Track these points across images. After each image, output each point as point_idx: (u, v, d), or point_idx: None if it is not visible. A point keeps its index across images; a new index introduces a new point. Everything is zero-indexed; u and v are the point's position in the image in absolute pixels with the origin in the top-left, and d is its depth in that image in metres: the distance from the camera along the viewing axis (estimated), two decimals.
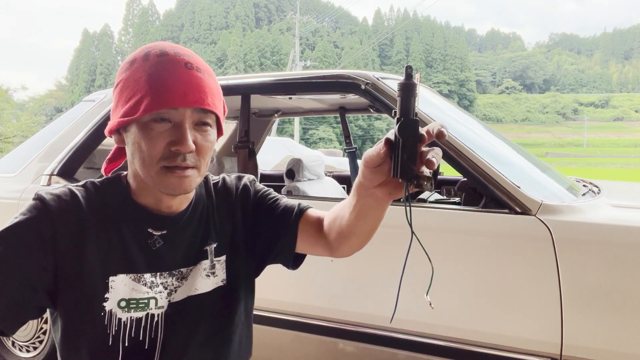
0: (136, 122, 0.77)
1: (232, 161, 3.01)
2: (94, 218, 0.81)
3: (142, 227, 0.84)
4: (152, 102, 0.74)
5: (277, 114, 3.19)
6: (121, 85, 0.79)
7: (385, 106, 1.70)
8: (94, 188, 0.84)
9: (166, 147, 0.76)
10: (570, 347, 1.34)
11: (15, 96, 31.25)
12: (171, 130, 0.76)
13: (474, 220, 1.52)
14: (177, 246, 0.86)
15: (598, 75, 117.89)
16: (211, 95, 0.79)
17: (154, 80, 0.75)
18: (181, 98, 0.75)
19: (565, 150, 60.63)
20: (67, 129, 2.25)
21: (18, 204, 2.12)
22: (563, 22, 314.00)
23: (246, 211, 0.94)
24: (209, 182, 0.96)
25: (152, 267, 0.84)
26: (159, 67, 0.76)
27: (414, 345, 1.52)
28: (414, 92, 0.56)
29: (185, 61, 0.78)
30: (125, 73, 0.79)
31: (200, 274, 0.88)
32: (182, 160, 0.76)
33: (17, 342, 2.26)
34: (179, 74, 0.76)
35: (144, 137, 0.76)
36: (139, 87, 0.76)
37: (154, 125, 0.76)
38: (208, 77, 0.80)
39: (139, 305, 0.82)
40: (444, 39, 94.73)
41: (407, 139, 0.56)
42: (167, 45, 0.81)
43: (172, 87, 0.75)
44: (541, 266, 1.39)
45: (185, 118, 0.76)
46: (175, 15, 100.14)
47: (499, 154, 1.88)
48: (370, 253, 1.61)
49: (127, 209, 0.84)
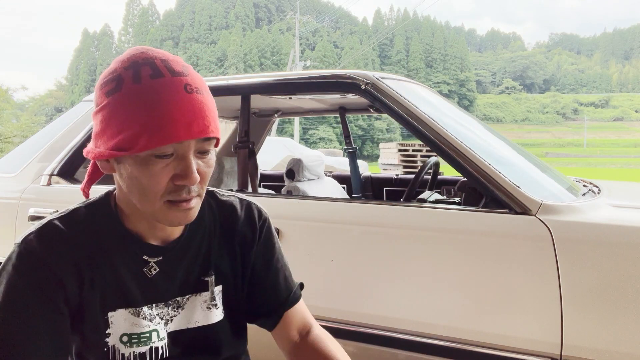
0: (132, 157, 0.69)
1: (232, 161, 3.01)
2: (86, 254, 0.75)
3: (136, 255, 0.78)
4: (152, 137, 0.66)
5: (277, 114, 3.19)
6: (108, 111, 0.69)
7: (385, 106, 1.70)
8: (81, 217, 0.77)
9: (170, 181, 0.70)
10: (570, 347, 1.34)
11: (15, 96, 31.20)
12: (174, 164, 0.70)
13: (474, 220, 1.52)
14: (173, 274, 0.81)
15: (598, 75, 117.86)
16: (214, 120, 0.71)
17: (153, 112, 0.65)
18: (186, 130, 0.67)
19: (565, 150, 60.64)
20: (67, 129, 2.25)
21: (18, 204, 2.12)
22: (563, 18, 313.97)
23: (246, 251, 0.89)
24: (215, 198, 0.89)
25: (149, 298, 0.80)
26: (155, 96, 0.66)
27: (414, 345, 1.52)
28: None
29: (185, 83, 0.68)
30: (112, 96, 0.68)
31: (200, 305, 0.84)
32: (187, 193, 0.71)
33: None
34: (181, 102, 0.67)
35: (143, 172, 0.69)
36: (134, 118, 0.66)
37: (155, 160, 0.68)
38: (207, 95, 0.72)
39: (140, 339, 0.79)
40: (444, 39, 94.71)
41: None
42: (156, 58, 0.70)
43: (175, 120, 0.66)
44: (541, 266, 1.39)
45: (190, 150, 0.70)
46: (175, 15, 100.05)
47: (499, 154, 1.88)
48: (371, 253, 1.62)
49: (118, 238, 0.78)
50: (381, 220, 1.60)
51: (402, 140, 14.37)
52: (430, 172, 2.54)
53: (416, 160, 6.71)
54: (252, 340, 1.01)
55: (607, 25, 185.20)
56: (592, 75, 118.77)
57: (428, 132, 1.61)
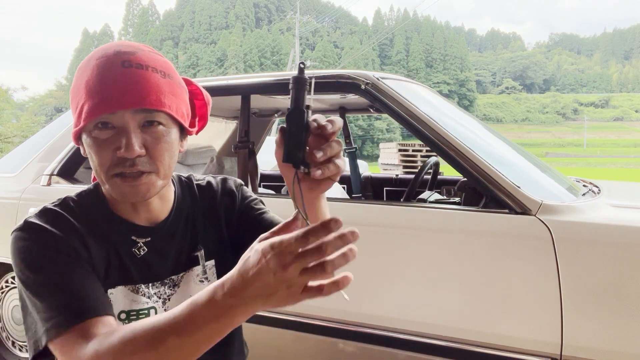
0: (85, 132, 0.74)
1: (232, 161, 3.01)
2: (85, 231, 0.78)
3: (126, 236, 0.81)
4: (90, 108, 0.71)
5: (277, 114, 3.19)
6: (71, 95, 0.77)
7: (385, 106, 1.70)
8: (73, 203, 0.81)
9: (113, 153, 0.72)
10: (570, 347, 1.34)
11: (15, 96, 31.28)
12: (115, 136, 0.72)
13: (474, 220, 1.52)
14: (165, 254, 0.84)
15: (598, 75, 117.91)
16: (156, 93, 0.72)
17: (90, 85, 0.71)
18: (117, 100, 0.70)
19: (565, 150, 60.63)
20: (67, 129, 2.25)
21: (18, 204, 2.12)
22: (563, 18, 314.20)
23: (231, 216, 0.91)
24: (192, 183, 0.92)
25: (144, 277, 0.82)
26: (95, 71, 0.72)
27: (414, 345, 1.52)
28: (305, 85, 0.61)
29: (124, 60, 0.72)
30: (73, 81, 0.76)
31: (193, 280, 0.86)
32: (130, 165, 0.72)
33: (17, 342, 2.27)
34: (115, 75, 0.71)
35: (92, 146, 0.73)
36: (80, 94, 0.73)
37: (98, 132, 0.72)
38: (153, 72, 0.73)
39: (139, 316, 0.80)
40: (444, 39, 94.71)
41: (292, 128, 0.60)
42: (114, 45, 0.75)
43: (106, 91, 0.70)
44: (541, 266, 1.39)
45: (127, 121, 0.72)
46: (175, 15, 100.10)
47: (499, 154, 1.88)
48: (371, 253, 1.62)
49: (109, 220, 0.81)
50: (381, 220, 1.60)
51: (402, 140, 14.37)
52: (430, 172, 2.54)
53: (416, 160, 6.71)
54: (253, 340, 1.01)
55: (607, 25, 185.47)
56: (592, 75, 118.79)
57: (428, 132, 1.61)
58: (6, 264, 2.20)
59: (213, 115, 3.11)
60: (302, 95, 0.61)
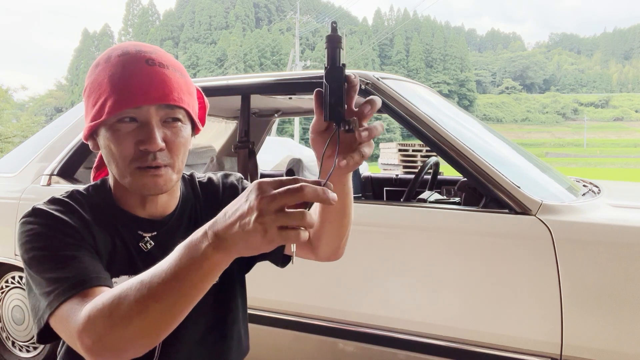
0: (104, 125, 0.76)
1: (232, 161, 3.01)
2: (91, 219, 0.80)
3: (132, 230, 0.83)
4: (115, 102, 0.74)
5: (277, 114, 3.19)
6: (88, 90, 0.79)
7: (386, 106, 1.70)
8: (80, 196, 0.83)
9: (135, 147, 0.75)
10: (570, 347, 1.34)
11: (15, 96, 31.30)
12: (138, 130, 0.75)
13: (474, 220, 1.52)
14: (170, 248, 0.84)
15: (598, 75, 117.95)
16: (177, 90, 0.77)
17: (115, 80, 0.74)
18: (143, 95, 0.74)
19: (565, 150, 60.62)
20: (67, 129, 2.25)
21: (18, 204, 2.12)
22: (563, 18, 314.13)
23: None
24: (194, 180, 0.95)
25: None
26: (119, 67, 0.75)
27: (414, 345, 1.52)
28: (339, 43, 0.62)
29: (147, 58, 0.76)
30: (91, 77, 0.79)
31: None
32: (152, 159, 0.75)
33: (17, 342, 2.27)
34: (140, 71, 0.75)
35: (112, 139, 0.76)
36: (102, 89, 0.75)
37: (120, 125, 0.75)
38: (174, 71, 0.78)
39: None
40: (444, 39, 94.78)
41: (333, 85, 0.61)
42: (131, 44, 0.80)
43: (133, 85, 0.74)
44: (541, 266, 1.39)
45: (151, 116, 0.75)
46: (175, 15, 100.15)
47: (499, 154, 1.88)
48: (371, 253, 1.62)
49: (115, 214, 0.83)
50: (381, 220, 1.60)
51: (402, 140, 14.35)
52: (430, 172, 2.54)
53: (416, 160, 6.70)
54: (253, 340, 1.01)
55: (607, 25, 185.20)
56: (592, 75, 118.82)
57: (428, 132, 1.62)
58: (6, 264, 2.20)
59: (213, 115, 3.11)
60: (337, 53, 0.62)
